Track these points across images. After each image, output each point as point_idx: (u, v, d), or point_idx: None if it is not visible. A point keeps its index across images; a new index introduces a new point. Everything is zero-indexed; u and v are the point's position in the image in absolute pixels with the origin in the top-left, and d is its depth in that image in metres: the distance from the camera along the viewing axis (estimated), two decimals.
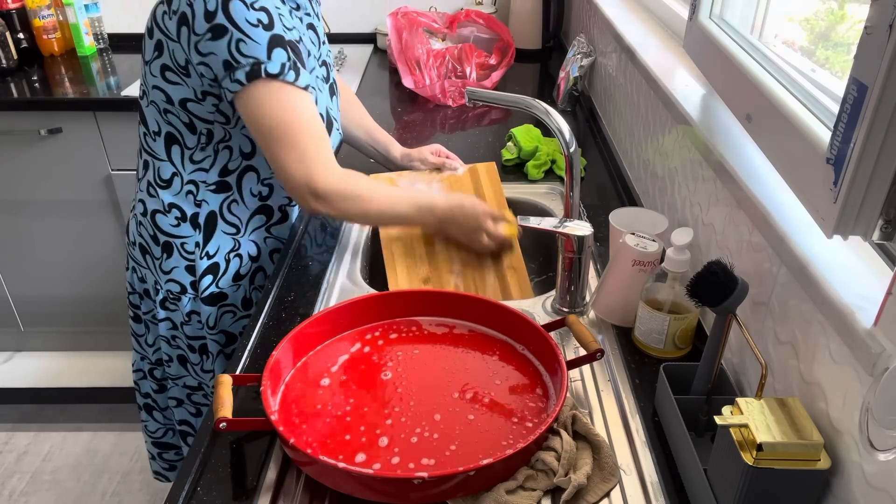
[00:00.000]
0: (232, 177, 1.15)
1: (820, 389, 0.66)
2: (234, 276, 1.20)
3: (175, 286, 1.19)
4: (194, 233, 1.16)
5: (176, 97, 1.06)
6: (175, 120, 1.09)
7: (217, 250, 1.18)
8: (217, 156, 1.12)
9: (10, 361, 2.40)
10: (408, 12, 1.98)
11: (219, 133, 1.10)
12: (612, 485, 0.74)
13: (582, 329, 0.89)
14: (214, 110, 1.07)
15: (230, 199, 1.16)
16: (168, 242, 1.17)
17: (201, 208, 1.15)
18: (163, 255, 1.18)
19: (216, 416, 0.75)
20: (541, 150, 1.46)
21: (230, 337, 1.25)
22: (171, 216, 1.16)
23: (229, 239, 1.18)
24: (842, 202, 0.58)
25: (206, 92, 1.04)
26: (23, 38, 2.17)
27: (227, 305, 1.22)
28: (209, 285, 1.18)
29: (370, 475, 0.70)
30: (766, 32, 1.01)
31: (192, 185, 1.14)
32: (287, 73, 1.00)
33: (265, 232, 1.22)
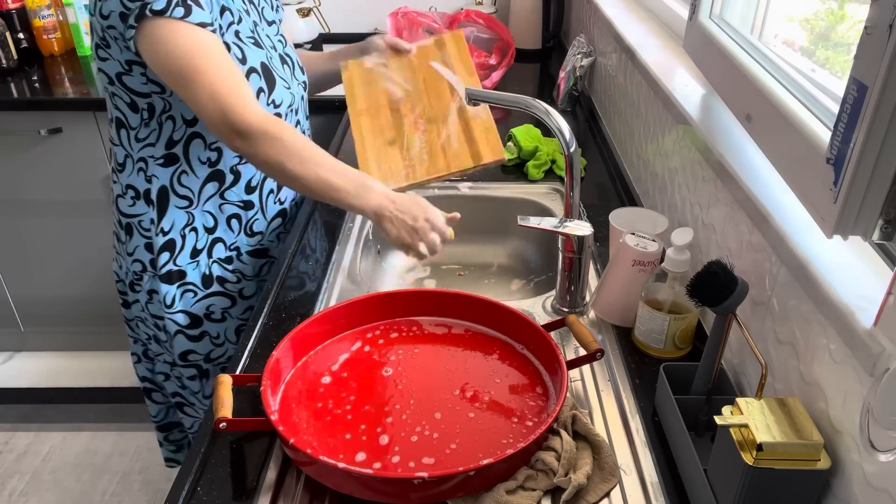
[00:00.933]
0: (178, 147, 1.14)
1: (820, 389, 0.66)
2: (191, 252, 1.19)
3: (138, 265, 1.21)
4: (149, 209, 1.16)
5: (112, 73, 1.07)
6: (119, 102, 1.10)
7: (172, 226, 1.17)
8: (161, 128, 1.12)
9: (10, 361, 2.40)
10: (408, 12, 1.98)
11: (158, 105, 1.10)
12: (612, 485, 0.74)
13: (582, 329, 0.89)
14: (146, 80, 1.07)
15: (179, 170, 1.15)
16: (129, 224, 1.19)
17: (152, 184, 1.15)
18: (126, 238, 1.20)
19: (216, 417, 0.75)
20: (541, 150, 1.46)
21: (193, 318, 1.23)
22: (128, 196, 1.17)
23: (182, 213, 1.17)
24: (842, 202, 0.58)
25: (130, 61, 1.04)
26: (23, 38, 2.17)
27: (187, 284, 1.20)
28: (166, 262, 1.18)
29: (370, 475, 0.70)
30: (766, 32, 1.01)
31: (141, 162, 1.14)
32: (174, 9, 0.96)
33: (219, 198, 1.19)
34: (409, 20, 1.96)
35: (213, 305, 1.24)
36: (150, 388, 1.41)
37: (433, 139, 1.22)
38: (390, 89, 1.30)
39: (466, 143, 1.20)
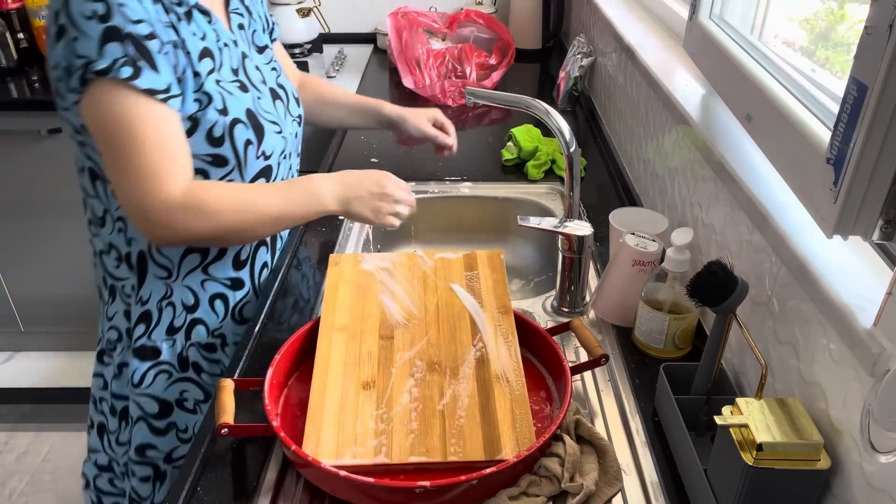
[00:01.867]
0: None
1: (820, 389, 0.66)
2: (167, 329, 1.03)
3: (114, 333, 1.06)
4: (130, 274, 1.02)
5: (76, 124, 0.91)
6: (91, 152, 0.94)
7: (150, 296, 1.02)
8: None
9: (10, 361, 2.40)
10: (408, 12, 1.98)
11: None
12: (615, 489, 0.74)
13: (586, 334, 0.88)
14: None
15: None
16: (112, 286, 1.05)
17: (132, 247, 1.00)
18: (109, 299, 1.06)
19: (217, 423, 0.75)
20: (541, 151, 1.46)
21: (163, 405, 1.05)
22: (112, 256, 1.02)
23: (161, 284, 1.02)
24: (842, 202, 0.58)
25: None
26: (23, 38, 2.17)
27: (161, 363, 1.04)
28: (141, 335, 1.03)
29: (372, 484, 0.69)
30: (766, 32, 1.01)
31: (120, 221, 0.99)
32: (119, 69, 0.82)
33: (202, 273, 1.03)
34: (409, 20, 1.96)
35: (187, 392, 1.06)
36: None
37: (431, 398, 0.80)
38: (387, 306, 0.94)
39: (480, 420, 0.77)
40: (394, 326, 0.91)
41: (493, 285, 0.97)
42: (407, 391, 0.81)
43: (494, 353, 0.86)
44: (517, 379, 0.82)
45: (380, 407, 0.79)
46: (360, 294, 0.95)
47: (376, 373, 0.84)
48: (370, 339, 0.88)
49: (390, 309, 0.93)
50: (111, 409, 1.08)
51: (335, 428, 0.76)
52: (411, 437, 0.76)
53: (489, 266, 1.00)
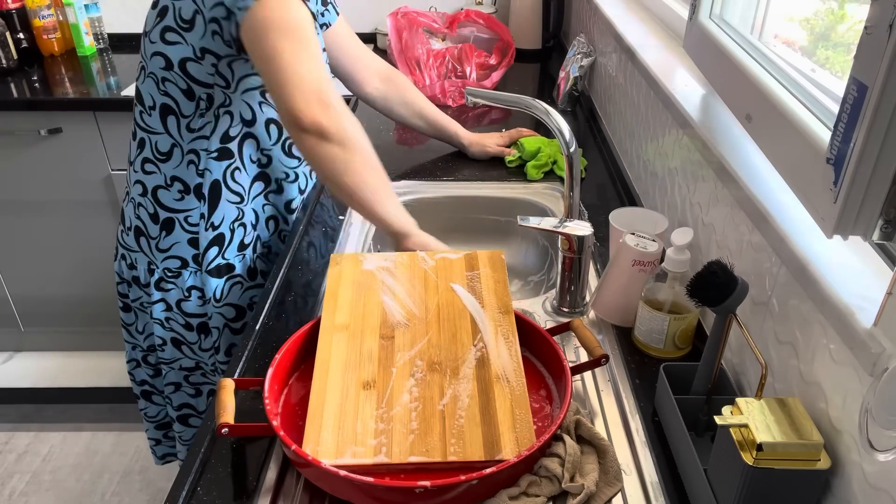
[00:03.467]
0: (233, 143, 1.14)
1: (820, 389, 0.66)
2: (238, 246, 1.21)
3: (175, 262, 1.19)
4: (199, 204, 1.16)
5: (175, 58, 1.06)
6: (172, 88, 1.09)
7: (222, 220, 1.18)
8: (218, 121, 1.12)
9: (10, 361, 2.40)
10: (408, 12, 1.98)
11: (219, 97, 1.10)
12: (616, 489, 0.74)
13: (587, 334, 0.88)
14: (213, 72, 1.07)
15: (233, 166, 1.16)
16: (169, 218, 1.17)
17: (204, 178, 1.15)
18: (161, 234, 1.18)
19: (217, 422, 0.75)
20: (542, 152, 1.46)
21: (239, 310, 1.24)
22: (174, 189, 1.15)
23: (234, 208, 1.18)
24: (842, 202, 0.58)
25: (206, 49, 1.05)
26: (23, 38, 2.17)
27: (235, 276, 1.22)
28: (215, 257, 1.19)
29: (371, 483, 0.69)
30: (766, 32, 1.01)
31: (192, 154, 1.13)
32: None
33: (264, 199, 1.22)
34: (409, 20, 1.96)
35: (255, 297, 1.26)
36: (149, 391, 1.40)
37: (431, 398, 0.81)
38: (387, 305, 0.94)
39: (480, 420, 0.78)
40: (394, 326, 0.90)
41: (493, 285, 0.97)
42: (407, 391, 0.81)
43: (495, 353, 0.86)
44: (517, 379, 0.82)
45: (380, 406, 0.79)
46: (360, 293, 0.95)
47: (376, 372, 0.84)
48: (370, 339, 0.88)
49: (391, 309, 0.93)
50: (186, 325, 1.24)
51: (335, 427, 0.76)
52: (411, 436, 0.76)
53: (490, 266, 1.00)
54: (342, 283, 0.97)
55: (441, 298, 0.95)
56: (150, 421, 1.45)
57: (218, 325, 1.23)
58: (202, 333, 1.25)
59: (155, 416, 1.44)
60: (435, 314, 0.92)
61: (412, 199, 1.40)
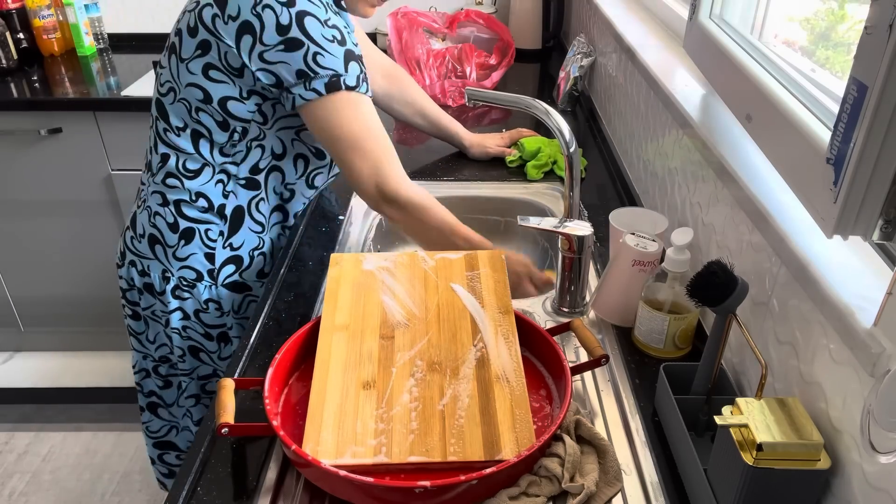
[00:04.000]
0: (261, 175, 1.17)
1: (820, 389, 0.66)
2: (258, 273, 1.24)
3: (190, 273, 1.19)
4: (220, 222, 1.18)
5: (216, 95, 1.07)
6: (206, 118, 1.10)
7: (242, 244, 1.20)
8: (249, 153, 1.14)
9: (10, 361, 2.40)
10: (408, 12, 1.98)
11: (254, 131, 1.12)
12: (616, 489, 0.74)
13: (587, 334, 0.88)
14: (255, 110, 1.09)
15: (258, 197, 1.19)
16: (189, 228, 1.17)
17: (229, 200, 1.17)
18: (179, 242, 1.18)
19: (217, 422, 0.75)
20: (543, 152, 1.46)
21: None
22: (198, 205, 1.16)
23: (255, 237, 1.21)
24: (842, 202, 0.58)
25: (253, 91, 1.07)
26: (23, 38, 2.17)
27: (252, 295, 1.25)
28: (231, 274, 1.21)
29: (371, 483, 0.69)
30: (766, 32, 1.01)
31: (223, 174, 1.15)
32: (361, 84, 1.06)
33: (280, 229, 1.26)
34: (409, 20, 1.96)
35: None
36: (156, 403, 1.39)
37: (431, 398, 0.80)
38: (387, 305, 0.94)
39: (480, 420, 0.77)
40: (394, 326, 0.90)
41: (493, 285, 0.97)
42: (407, 391, 0.81)
43: (495, 353, 0.86)
44: (517, 379, 0.82)
45: (380, 406, 0.79)
46: (360, 294, 0.95)
47: (376, 372, 0.84)
48: (370, 339, 0.88)
49: (391, 309, 0.93)
50: (205, 334, 1.25)
51: (335, 427, 0.76)
52: (411, 436, 0.76)
53: (490, 266, 1.00)
54: (342, 284, 0.97)
55: (441, 298, 0.95)
56: (151, 436, 1.43)
57: (238, 334, 1.25)
58: (222, 342, 1.26)
59: (156, 432, 1.42)
60: (435, 314, 0.92)
61: None
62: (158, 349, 1.31)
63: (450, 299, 0.94)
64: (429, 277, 0.98)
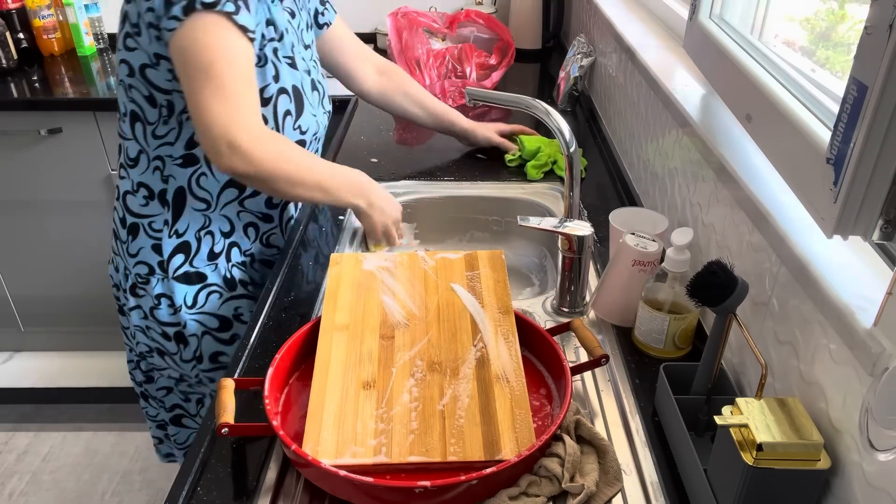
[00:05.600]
0: (199, 149, 1.09)
1: (820, 389, 0.66)
2: (208, 255, 1.16)
3: (143, 268, 1.16)
4: (163, 210, 1.13)
5: (136, 64, 1.02)
6: (136, 95, 1.05)
7: (187, 228, 1.14)
8: (182, 128, 1.08)
9: (10, 361, 2.40)
10: (408, 12, 1.98)
11: (179, 103, 1.05)
12: (616, 489, 0.74)
13: (587, 334, 0.88)
14: (171, 77, 1.02)
15: (198, 172, 1.11)
16: (134, 223, 1.14)
17: (168, 184, 1.11)
18: (129, 238, 1.15)
19: (217, 422, 0.75)
20: (542, 152, 1.46)
21: (223, 320, 1.20)
22: (140, 195, 1.13)
23: (199, 216, 1.14)
24: (842, 202, 0.58)
25: (158, 54, 1.00)
26: (23, 38, 2.17)
27: (210, 286, 1.18)
28: (181, 264, 1.15)
29: (371, 483, 0.69)
30: (766, 32, 1.01)
31: (158, 160, 1.10)
32: (224, 4, 0.92)
33: (238, 205, 1.16)
34: (409, 20, 1.96)
35: (240, 307, 1.21)
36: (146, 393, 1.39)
37: (431, 398, 0.80)
38: (388, 305, 0.94)
39: (480, 420, 0.77)
40: (394, 326, 0.90)
41: (493, 285, 0.97)
42: (407, 391, 0.81)
43: (495, 353, 0.86)
44: (517, 379, 0.82)
45: (380, 406, 0.79)
46: (360, 294, 0.95)
47: (376, 372, 0.84)
48: (370, 339, 0.88)
49: (391, 309, 0.93)
50: (163, 334, 1.19)
51: (335, 427, 0.76)
52: (411, 436, 0.76)
53: (490, 266, 1.00)
54: (342, 283, 0.97)
55: (441, 298, 0.95)
56: (152, 420, 1.44)
57: (195, 332, 1.19)
58: (180, 343, 1.20)
59: (155, 416, 1.44)
60: (435, 314, 0.92)
61: (412, 198, 1.40)
62: (137, 344, 1.29)
63: (450, 299, 0.95)
64: (429, 277, 0.99)
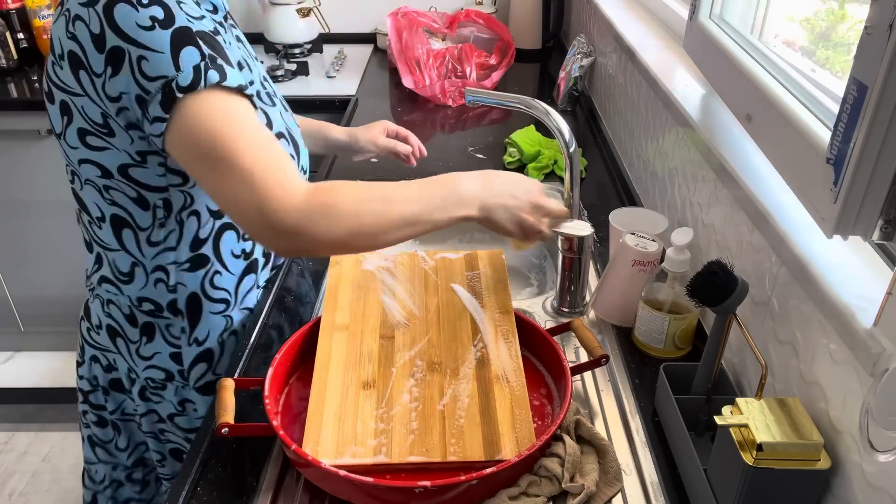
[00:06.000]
0: (207, 246, 0.93)
1: (820, 389, 0.66)
2: (232, 357, 0.99)
3: (159, 373, 0.98)
4: (177, 319, 0.96)
5: (112, 165, 0.83)
6: (119, 196, 0.86)
7: (207, 335, 0.97)
8: (183, 227, 0.90)
9: (10, 361, 2.40)
10: (408, 12, 1.98)
11: (177, 199, 0.87)
12: (616, 489, 0.74)
13: (587, 334, 0.88)
14: (164, 172, 0.84)
15: (211, 271, 0.94)
16: (149, 323, 0.96)
17: (178, 293, 0.94)
18: (141, 339, 0.96)
19: (218, 422, 0.75)
20: (543, 154, 1.46)
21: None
22: (145, 309, 0.95)
23: (220, 318, 0.98)
24: (842, 202, 0.58)
25: (144, 152, 0.82)
26: (23, 38, 2.17)
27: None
28: (204, 374, 0.99)
29: (371, 483, 0.69)
30: (766, 32, 1.01)
31: (160, 271, 0.92)
32: (206, 73, 0.74)
33: (257, 290, 1.03)
34: (409, 20, 1.96)
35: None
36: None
37: (431, 398, 0.80)
38: (388, 305, 0.93)
39: (480, 420, 0.77)
40: (394, 326, 0.90)
41: (493, 285, 0.97)
42: (407, 391, 0.81)
43: (495, 353, 0.86)
44: (517, 379, 0.82)
45: (380, 407, 0.79)
46: (360, 294, 0.95)
47: (376, 372, 0.84)
48: (370, 339, 0.88)
49: (391, 309, 0.93)
50: (185, 439, 1.03)
51: (335, 427, 0.76)
52: (411, 436, 0.76)
53: (490, 266, 1.00)
54: (342, 283, 0.97)
55: (441, 298, 0.95)
56: None
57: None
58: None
59: None
60: (435, 314, 0.92)
61: None
62: (131, 455, 1.10)
63: (450, 299, 0.95)
64: (429, 277, 0.99)
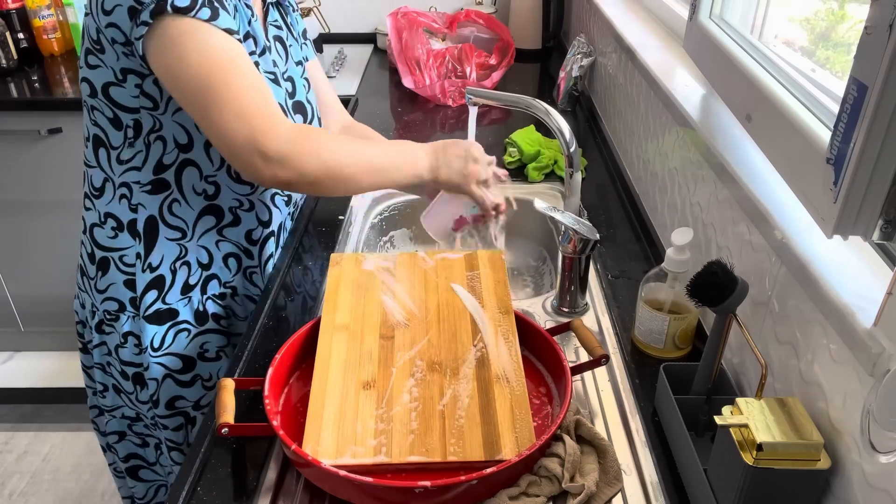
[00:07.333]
0: (169, 173, 0.99)
1: (820, 389, 0.66)
2: (182, 288, 1.06)
3: (113, 304, 1.06)
4: (134, 243, 1.03)
5: (98, 83, 0.93)
6: (99, 117, 0.96)
7: (161, 261, 1.04)
8: (149, 150, 0.98)
9: (10, 361, 2.40)
10: (408, 12, 1.98)
11: (147, 122, 0.96)
12: (616, 489, 0.74)
13: (587, 334, 0.88)
14: (138, 93, 0.93)
15: (170, 198, 1.01)
16: (104, 258, 1.04)
17: (138, 213, 1.01)
18: (98, 274, 1.05)
19: (217, 422, 0.75)
20: (543, 154, 1.46)
21: (186, 360, 1.09)
22: (107, 227, 1.03)
23: (174, 245, 1.04)
24: (842, 202, 0.58)
25: (126, 69, 0.91)
26: (23, 38, 2.17)
27: (180, 323, 1.07)
28: (154, 301, 1.05)
29: (371, 483, 0.69)
30: (766, 32, 1.01)
31: (124, 187, 1.00)
32: (199, 9, 0.83)
33: (216, 234, 1.06)
34: (409, 20, 1.96)
35: (207, 343, 1.11)
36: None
37: (431, 398, 0.80)
38: (388, 305, 0.94)
39: (480, 421, 0.77)
40: (394, 326, 0.91)
41: (493, 285, 0.97)
42: (407, 391, 0.81)
43: (495, 353, 0.86)
44: (517, 379, 0.82)
45: (380, 406, 0.79)
46: (360, 294, 0.95)
47: (376, 372, 0.84)
48: (371, 339, 0.88)
49: (391, 309, 0.93)
50: (122, 373, 1.10)
51: (335, 427, 0.76)
52: (411, 436, 0.76)
53: (490, 266, 1.01)
54: (342, 283, 0.97)
55: (441, 298, 0.95)
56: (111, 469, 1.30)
57: (156, 376, 1.08)
58: (137, 384, 1.10)
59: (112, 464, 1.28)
60: (435, 314, 0.92)
61: (412, 199, 1.40)
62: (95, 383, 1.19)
63: (450, 299, 0.95)
64: (429, 277, 0.99)
